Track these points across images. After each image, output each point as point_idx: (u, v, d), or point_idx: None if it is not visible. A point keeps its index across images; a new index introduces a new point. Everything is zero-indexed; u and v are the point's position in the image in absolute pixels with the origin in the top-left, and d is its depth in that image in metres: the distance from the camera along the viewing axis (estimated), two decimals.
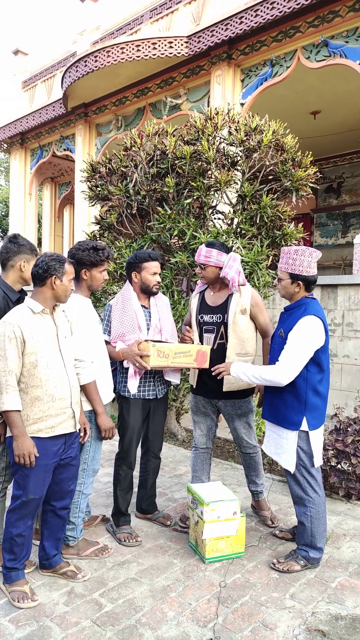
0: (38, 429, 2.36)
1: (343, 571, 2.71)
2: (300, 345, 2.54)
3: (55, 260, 2.39)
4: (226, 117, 4.28)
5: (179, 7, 8.50)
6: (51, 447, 2.41)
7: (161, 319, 3.04)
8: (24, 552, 2.45)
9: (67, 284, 2.43)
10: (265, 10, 6.67)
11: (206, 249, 2.95)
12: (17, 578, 2.43)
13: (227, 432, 4.71)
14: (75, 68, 8.60)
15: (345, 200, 11.38)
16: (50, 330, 2.42)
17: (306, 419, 2.61)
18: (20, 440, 2.29)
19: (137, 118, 9.44)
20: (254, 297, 3.00)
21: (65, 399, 2.44)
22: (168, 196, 4.25)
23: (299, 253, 2.64)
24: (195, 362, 2.88)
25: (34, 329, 2.35)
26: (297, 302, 2.69)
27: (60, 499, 2.55)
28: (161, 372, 3.09)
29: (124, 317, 2.95)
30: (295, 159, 4.14)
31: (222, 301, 3.01)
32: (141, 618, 2.29)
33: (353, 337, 5.75)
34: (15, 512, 2.40)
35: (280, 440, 2.71)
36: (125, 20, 9.60)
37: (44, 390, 2.35)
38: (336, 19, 6.45)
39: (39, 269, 2.39)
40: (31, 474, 2.36)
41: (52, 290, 2.40)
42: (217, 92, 7.77)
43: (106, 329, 3.01)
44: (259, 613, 2.33)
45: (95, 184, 4.63)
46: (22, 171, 12.39)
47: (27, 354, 2.32)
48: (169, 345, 2.81)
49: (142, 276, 2.98)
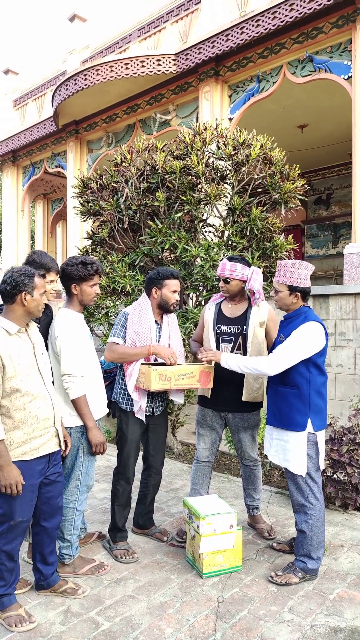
0: (23, 452, 2.30)
1: (341, 582, 2.69)
2: (296, 344, 2.62)
3: (24, 275, 2.27)
4: (214, 132, 4.35)
5: (166, 25, 8.66)
6: (36, 466, 2.36)
7: (171, 336, 3.05)
8: (13, 576, 2.39)
9: (38, 298, 2.32)
10: (251, 28, 6.82)
11: (230, 263, 2.98)
12: (10, 603, 2.37)
13: (224, 444, 4.70)
14: (65, 86, 8.71)
15: (335, 212, 11.51)
16: (28, 350, 2.34)
17: (311, 420, 2.66)
18: (6, 470, 2.21)
19: (128, 134, 9.55)
20: (271, 312, 3.10)
21: (49, 418, 2.39)
22: (159, 210, 4.29)
23: (296, 266, 2.75)
24: (198, 382, 2.87)
25: (12, 351, 2.25)
26: (297, 311, 2.79)
27: (50, 517, 2.50)
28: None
29: (140, 328, 2.93)
30: (283, 171, 4.20)
31: (241, 313, 3.07)
32: (139, 636, 2.26)
33: (346, 347, 5.78)
34: (2, 537, 2.32)
35: (286, 446, 2.73)
36: (114, 39, 9.76)
37: (27, 412, 2.29)
38: (320, 35, 6.59)
39: (7, 285, 2.26)
40: (18, 497, 2.28)
41: (23, 307, 2.30)
42: (205, 108, 7.88)
43: (119, 333, 2.95)
44: (258, 627, 2.31)
45: (87, 200, 4.67)
46: (15, 188, 12.46)
47: (8, 378, 2.23)
48: (171, 368, 2.78)
49: (162, 292, 2.97)
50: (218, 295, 3.22)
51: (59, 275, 2.80)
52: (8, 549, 2.34)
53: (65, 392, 2.63)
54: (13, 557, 2.36)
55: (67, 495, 2.70)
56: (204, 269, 4.09)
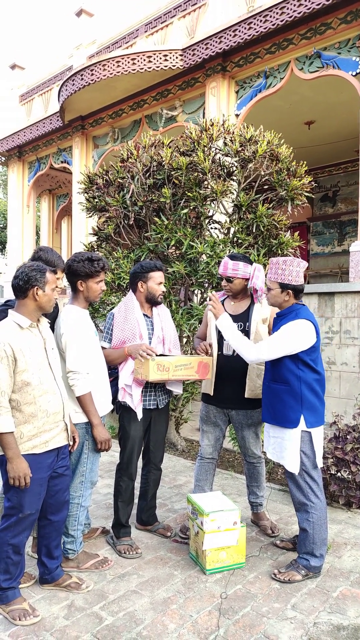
0: (32, 446, 2.32)
1: (344, 580, 2.69)
2: (280, 338, 2.62)
3: (36, 270, 2.31)
4: (221, 128, 4.33)
5: (174, 20, 8.62)
6: (45, 460, 2.38)
7: (164, 328, 3.06)
8: (18, 570, 2.41)
9: (50, 293, 2.37)
10: (259, 23, 6.78)
11: (232, 262, 2.97)
12: (14, 597, 2.38)
13: (227, 441, 4.70)
14: (72, 81, 8.69)
15: (341, 209, 11.46)
16: (39, 344, 2.38)
17: (304, 417, 2.65)
18: (15, 463, 2.24)
19: (134, 130, 9.53)
20: (273, 309, 3.08)
21: (59, 412, 2.42)
22: (165, 207, 4.28)
23: (288, 263, 2.72)
24: (197, 373, 2.88)
25: (24, 345, 2.28)
26: (289, 309, 2.77)
27: (57, 511, 2.52)
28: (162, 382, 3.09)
29: (125, 324, 2.96)
30: (290, 168, 4.18)
31: (243, 310, 3.07)
32: (142, 631, 2.27)
33: (351, 345, 5.76)
34: (10, 529, 2.34)
35: (282, 443, 2.73)
36: (120, 34, 9.73)
37: (37, 406, 2.32)
38: (328, 31, 6.55)
39: (19, 280, 2.30)
40: (27, 490, 2.31)
41: (35, 301, 2.33)
42: (212, 104, 7.85)
43: (107, 337, 3.02)
44: (261, 624, 2.31)
45: (93, 196, 4.66)
46: (20, 184, 12.47)
47: (19, 372, 2.26)
48: (169, 359, 2.80)
49: (148, 285, 3.00)
50: (221, 293, 3.21)
51: (65, 271, 2.80)
52: (15, 542, 2.35)
53: (71, 388, 2.64)
54: (19, 550, 2.38)
55: (71, 491, 2.71)
56: (209, 265, 4.09)
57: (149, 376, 2.73)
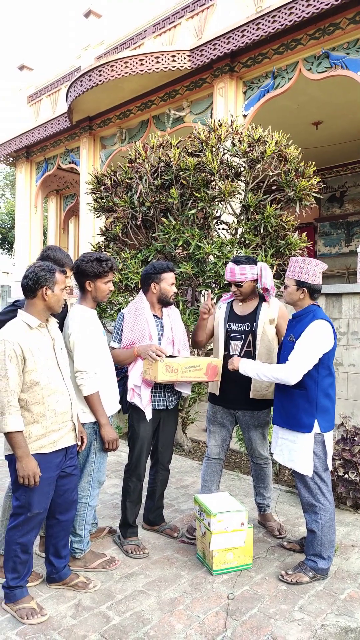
0: (41, 446, 2.33)
1: (352, 582, 2.68)
2: (309, 346, 2.60)
3: (45, 270, 2.32)
4: (229, 129, 4.33)
5: (182, 21, 8.63)
6: (54, 459, 2.39)
7: (174, 329, 3.06)
8: (26, 569, 2.41)
9: (59, 293, 2.38)
10: (267, 24, 6.77)
11: (239, 267, 2.94)
12: (22, 595, 2.39)
13: (234, 442, 4.69)
14: (79, 82, 8.72)
15: (349, 210, 11.41)
16: (48, 344, 2.39)
17: (318, 422, 2.64)
18: (25, 461, 2.25)
19: (141, 130, 9.55)
20: (282, 309, 3.07)
21: (67, 412, 2.43)
22: (172, 207, 4.28)
23: (306, 262, 2.75)
24: (205, 375, 2.87)
25: (33, 345, 2.30)
26: (305, 310, 2.76)
27: (65, 511, 2.53)
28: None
29: (135, 325, 2.96)
30: (298, 169, 4.16)
31: (251, 311, 3.06)
32: (149, 631, 2.27)
33: (358, 346, 5.73)
34: (18, 528, 2.35)
35: (293, 446, 2.72)
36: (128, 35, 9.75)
37: (46, 406, 2.33)
38: (337, 31, 6.53)
39: (29, 280, 2.31)
40: (35, 489, 2.33)
41: (44, 301, 2.34)
42: (220, 104, 7.85)
43: (116, 337, 3.02)
44: (268, 626, 2.31)
45: (101, 196, 4.67)
46: (28, 184, 12.53)
47: (28, 371, 2.27)
48: (179, 360, 2.80)
49: (161, 287, 3.00)
50: (228, 295, 3.20)
51: (73, 271, 2.80)
52: (23, 541, 2.36)
53: (79, 388, 2.64)
54: (27, 549, 2.39)
55: (79, 491, 2.72)
56: (217, 266, 4.08)
57: (157, 377, 2.73)
